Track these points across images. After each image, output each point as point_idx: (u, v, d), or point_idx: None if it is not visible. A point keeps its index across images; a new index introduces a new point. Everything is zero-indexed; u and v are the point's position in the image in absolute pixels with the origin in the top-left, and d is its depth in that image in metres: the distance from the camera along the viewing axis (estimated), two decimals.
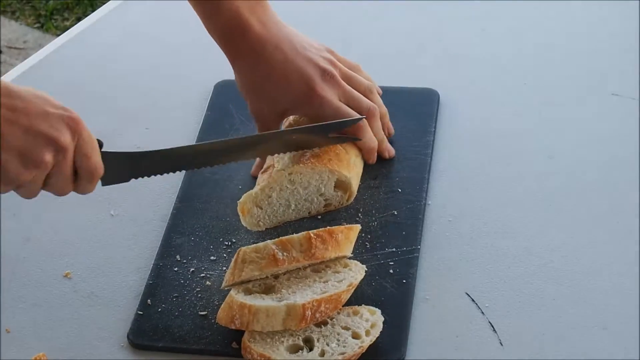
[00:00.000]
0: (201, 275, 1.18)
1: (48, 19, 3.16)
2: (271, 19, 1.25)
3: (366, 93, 1.28)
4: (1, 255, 1.24)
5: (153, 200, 1.29)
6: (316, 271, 1.13)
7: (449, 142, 1.33)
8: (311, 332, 1.08)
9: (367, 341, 1.07)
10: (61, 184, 1.07)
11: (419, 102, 1.37)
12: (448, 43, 1.50)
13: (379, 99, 1.30)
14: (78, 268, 1.22)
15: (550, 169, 1.29)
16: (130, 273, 1.21)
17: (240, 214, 1.20)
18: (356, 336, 1.07)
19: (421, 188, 1.25)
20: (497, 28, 1.52)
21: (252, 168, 1.29)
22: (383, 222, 1.22)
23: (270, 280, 1.12)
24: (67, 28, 2.24)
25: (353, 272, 1.11)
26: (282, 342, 1.07)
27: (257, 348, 1.06)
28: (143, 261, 1.22)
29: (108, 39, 1.57)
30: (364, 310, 1.10)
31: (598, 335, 1.09)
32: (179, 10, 1.47)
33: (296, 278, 1.12)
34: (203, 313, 1.14)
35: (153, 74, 1.50)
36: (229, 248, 1.21)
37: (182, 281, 1.17)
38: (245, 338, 1.08)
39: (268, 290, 1.11)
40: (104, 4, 1.65)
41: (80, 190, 1.09)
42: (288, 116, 1.28)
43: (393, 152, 1.30)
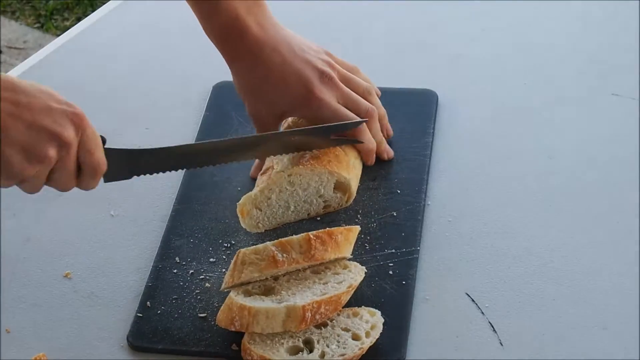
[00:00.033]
0: (200, 277, 1.18)
1: (48, 19, 3.16)
2: (269, 21, 1.25)
3: (365, 95, 1.27)
4: (1, 255, 1.24)
5: (153, 200, 1.29)
6: (316, 273, 1.13)
7: (448, 143, 1.33)
8: (311, 334, 1.08)
9: (367, 342, 1.07)
10: (64, 180, 1.07)
11: (418, 103, 1.37)
12: (447, 43, 1.50)
13: (378, 101, 1.30)
14: (78, 268, 1.22)
15: (550, 169, 1.29)
16: (130, 273, 1.21)
17: (239, 216, 1.20)
18: (356, 337, 1.07)
19: (420, 189, 1.25)
20: (497, 28, 1.52)
21: (251, 170, 1.29)
22: (382, 224, 1.22)
23: (269, 281, 1.12)
24: (67, 28, 2.24)
25: (353, 274, 1.11)
26: (282, 344, 1.07)
27: (257, 350, 1.06)
28: (143, 261, 1.22)
29: (108, 39, 1.57)
30: (364, 311, 1.10)
31: (598, 335, 1.09)
32: (179, 10, 1.47)
33: (296, 280, 1.12)
34: (203, 315, 1.14)
35: (153, 74, 1.50)
36: (228, 250, 1.21)
37: (182, 283, 1.17)
38: (245, 340, 1.07)
39: (268, 292, 1.11)
40: (104, 4, 1.65)
41: (83, 186, 1.09)
42: (286, 118, 1.28)
43: (392, 154, 1.30)
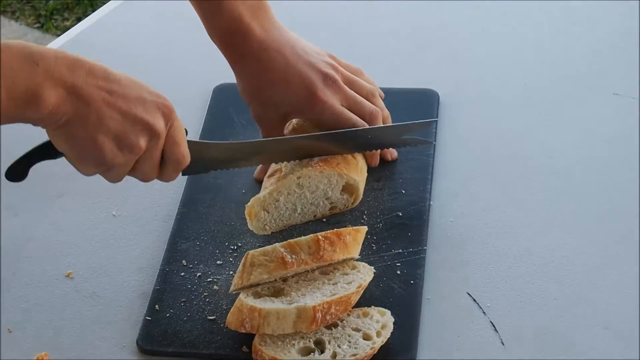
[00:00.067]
0: (208, 279, 1.18)
1: (48, 19, 3.16)
2: (272, 24, 1.24)
3: (369, 97, 1.27)
4: (3, 254, 1.24)
5: (155, 200, 1.29)
6: (324, 273, 1.13)
7: (450, 143, 1.33)
8: (322, 335, 1.08)
9: (379, 342, 1.07)
10: (148, 170, 1.07)
11: (419, 103, 1.37)
12: (448, 43, 1.50)
13: (382, 103, 1.29)
14: (80, 268, 1.22)
15: (550, 169, 1.29)
16: (132, 273, 1.21)
17: (247, 218, 1.20)
18: (367, 337, 1.08)
19: (425, 189, 1.26)
20: (497, 28, 1.52)
21: (256, 171, 1.29)
22: (388, 224, 1.22)
23: (278, 283, 1.12)
24: (67, 28, 2.24)
25: (362, 274, 1.12)
26: (294, 345, 1.07)
27: (269, 351, 1.06)
28: (145, 261, 1.22)
29: (108, 39, 1.57)
30: (374, 311, 1.10)
31: (599, 335, 1.10)
32: (179, 11, 1.47)
33: (305, 281, 1.12)
34: (212, 317, 1.14)
35: (152, 76, 1.49)
36: (235, 252, 1.21)
37: (190, 286, 1.17)
38: (256, 341, 1.08)
39: (277, 293, 1.11)
40: (104, 4, 1.65)
41: (164, 177, 1.10)
42: (291, 120, 1.28)
43: (395, 154, 1.30)
